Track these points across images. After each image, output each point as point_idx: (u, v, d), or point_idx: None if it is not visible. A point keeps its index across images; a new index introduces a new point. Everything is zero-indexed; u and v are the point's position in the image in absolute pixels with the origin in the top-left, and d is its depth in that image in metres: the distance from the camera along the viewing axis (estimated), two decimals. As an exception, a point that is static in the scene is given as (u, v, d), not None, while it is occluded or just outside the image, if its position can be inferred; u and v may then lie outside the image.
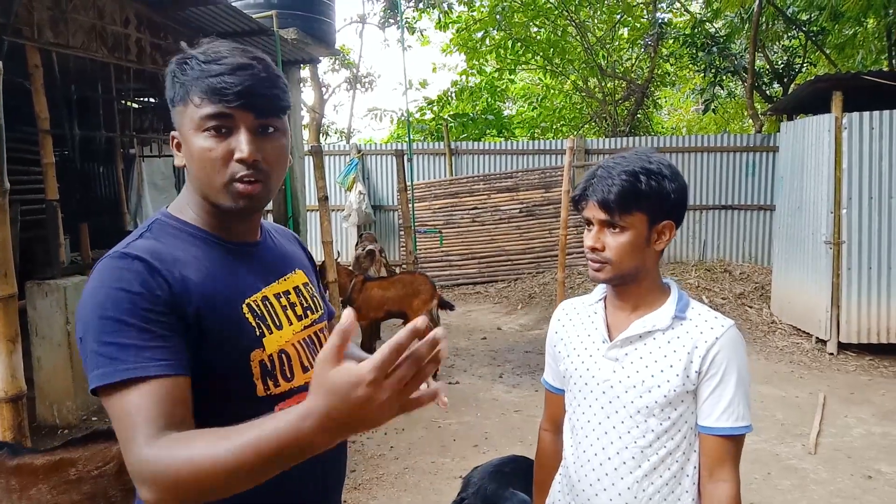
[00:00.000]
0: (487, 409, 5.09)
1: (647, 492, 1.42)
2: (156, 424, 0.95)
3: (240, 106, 1.08)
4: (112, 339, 0.99)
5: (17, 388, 2.12)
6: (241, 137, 1.09)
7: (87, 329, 1.02)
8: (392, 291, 5.82)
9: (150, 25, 5.53)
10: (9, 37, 4.26)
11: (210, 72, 1.08)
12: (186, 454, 0.90)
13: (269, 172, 1.13)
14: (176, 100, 1.13)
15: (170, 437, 0.94)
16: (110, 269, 1.05)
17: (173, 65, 1.14)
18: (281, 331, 1.18)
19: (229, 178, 1.10)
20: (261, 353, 1.13)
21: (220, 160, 1.09)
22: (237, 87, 1.07)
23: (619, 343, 1.46)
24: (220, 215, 1.17)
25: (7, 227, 2.05)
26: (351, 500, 3.64)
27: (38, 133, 4.57)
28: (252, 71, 1.09)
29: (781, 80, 12.01)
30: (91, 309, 1.02)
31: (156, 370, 0.98)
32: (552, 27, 13.38)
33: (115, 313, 1.00)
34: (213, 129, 1.09)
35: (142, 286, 1.02)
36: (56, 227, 4.69)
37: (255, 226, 1.25)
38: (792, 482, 3.90)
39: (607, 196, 1.38)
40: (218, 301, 1.10)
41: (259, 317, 1.15)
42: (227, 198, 1.11)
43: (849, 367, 6.08)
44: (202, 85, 1.08)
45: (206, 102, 1.08)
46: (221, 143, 1.09)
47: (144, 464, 0.92)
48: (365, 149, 11.35)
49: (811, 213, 6.66)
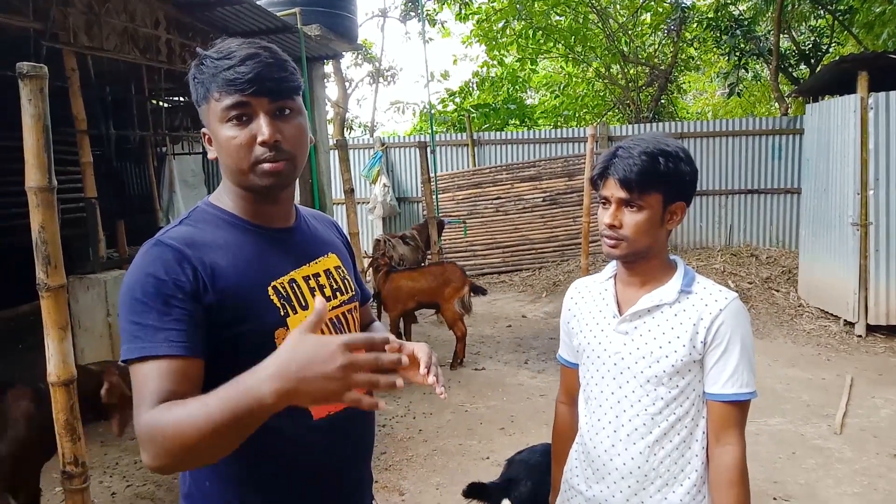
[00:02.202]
0: (513, 393, 5.19)
1: (658, 456, 1.51)
2: (158, 397, 1.06)
3: (254, 92, 1.16)
4: (136, 319, 1.11)
5: (68, 373, 2.26)
6: (261, 122, 1.18)
7: (121, 307, 1.15)
8: (423, 282, 5.89)
9: (179, 26, 5.70)
10: (46, 42, 4.45)
11: (223, 66, 1.17)
12: (169, 416, 1.02)
13: (291, 151, 1.22)
14: (200, 99, 1.23)
15: (164, 405, 1.05)
16: (144, 254, 1.17)
17: (192, 69, 1.23)
18: (307, 311, 1.25)
19: (255, 160, 1.19)
20: (285, 332, 1.20)
21: (245, 145, 1.18)
22: (248, 74, 1.16)
23: (629, 317, 1.54)
24: (253, 200, 1.27)
25: (56, 221, 2.19)
26: (382, 480, 3.77)
27: (76, 133, 4.76)
28: (259, 59, 1.18)
29: (808, 62, 11.81)
30: (125, 290, 1.15)
31: (165, 349, 1.09)
32: (573, 14, 13.31)
33: (141, 296, 1.12)
34: (235, 118, 1.18)
35: (168, 274, 1.13)
36: (95, 223, 4.87)
37: (287, 211, 1.33)
38: (817, 461, 3.93)
39: (629, 175, 1.45)
40: (244, 283, 1.19)
41: (284, 298, 1.23)
42: (255, 179, 1.21)
43: (877, 348, 6.04)
44: (218, 80, 1.17)
45: (224, 95, 1.17)
46: (244, 130, 1.18)
47: (142, 427, 1.04)
48: (388, 142, 11.48)
49: (838, 195, 6.60)
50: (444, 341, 6.54)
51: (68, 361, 2.28)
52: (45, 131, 2.10)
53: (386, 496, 3.63)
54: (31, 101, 2.07)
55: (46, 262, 2.17)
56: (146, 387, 1.08)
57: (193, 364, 1.12)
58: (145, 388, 1.08)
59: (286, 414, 0.99)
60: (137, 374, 1.10)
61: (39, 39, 4.43)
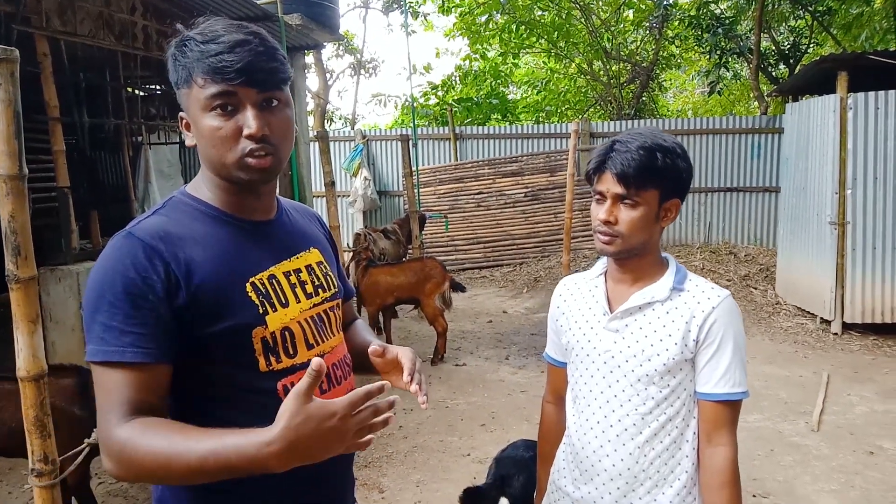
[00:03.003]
0: (494, 389, 5.17)
1: (649, 457, 1.48)
2: (127, 407, 1.04)
3: (242, 83, 1.10)
4: (102, 319, 1.06)
5: (38, 368, 2.18)
6: (248, 114, 1.11)
7: (86, 302, 1.09)
8: (402, 278, 5.83)
9: (156, 13, 5.56)
10: (18, 25, 4.31)
11: (209, 52, 1.10)
12: (149, 444, 1.00)
13: (277, 144, 1.15)
14: (180, 82, 1.15)
15: (141, 422, 1.03)
16: (114, 248, 1.11)
17: (173, 48, 1.15)
18: (287, 308, 1.19)
19: (241, 153, 1.12)
20: (263, 331, 1.15)
21: (230, 138, 1.12)
22: (237, 63, 1.08)
23: (620, 315, 1.51)
24: (234, 192, 1.20)
25: (27, 211, 2.11)
26: (362, 477, 3.73)
27: (48, 121, 4.62)
28: (250, 46, 1.10)
29: (787, 61, 11.93)
30: (92, 285, 1.09)
31: (132, 356, 1.05)
32: (556, 10, 13.30)
33: (108, 294, 1.07)
34: (220, 107, 1.11)
35: (137, 271, 1.07)
36: (68, 213, 4.75)
37: (268, 203, 1.27)
38: (794, 458, 3.97)
39: (626, 170, 1.41)
40: (221, 279, 1.13)
41: (263, 295, 1.17)
42: (240, 173, 1.14)
43: (853, 346, 6.12)
44: (203, 66, 1.10)
45: (210, 82, 1.10)
46: (229, 122, 1.11)
47: (114, 442, 1.03)
48: (370, 134, 11.37)
49: (816, 194, 6.67)
50: (424, 337, 6.50)
51: (38, 356, 2.20)
52: (16, 117, 2.02)
53: (365, 493, 3.58)
54: (2, 86, 1.99)
55: (16, 252, 2.08)
56: (112, 394, 1.05)
57: (160, 370, 1.09)
58: (111, 395, 1.05)
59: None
60: (102, 377, 1.07)
61: (10, 23, 4.29)
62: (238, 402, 1.15)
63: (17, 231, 2.08)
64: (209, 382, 1.15)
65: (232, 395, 1.15)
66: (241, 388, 1.15)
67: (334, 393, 1.23)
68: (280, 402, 0.96)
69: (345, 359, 1.33)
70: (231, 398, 1.15)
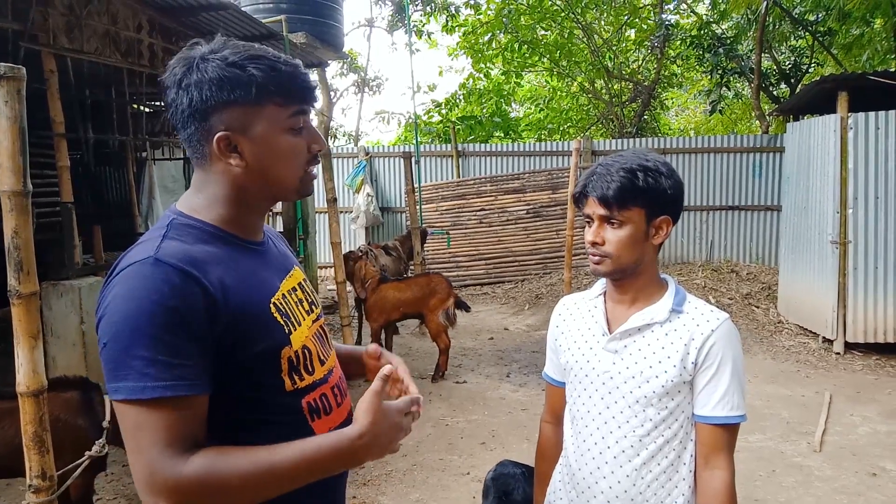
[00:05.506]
0: (494, 407, 5.15)
1: (646, 479, 1.48)
2: (186, 443, 1.00)
3: (313, 102, 1.19)
4: (142, 353, 0.99)
5: (38, 383, 2.18)
6: (312, 130, 1.19)
7: (116, 337, 1.01)
8: (408, 293, 5.85)
9: (163, 30, 5.63)
10: (25, 43, 4.36)
11: (286, 72, 1.13)
12: (236, 467, 1.01)
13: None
14: (240, 99, 1.10)
15: (208, 452, 1.02)
16: (143, 277, 1.03)
17: (226, 65, 1.10)
18: (300, 327, 1.20)
19: (304, 170, 1.19)
20: (289, 350, 1.15)
21: (304, 155, 1.18)
22: (313, 85, 1.17)
23: (619, 336, 1.51)
24: (251, 212, 1.20)
25: (30, 227, 2.12)
26: (360, 495, 3.70)
27: (53, 137, 4.66)
28: (304, 69, 1.17)
29: (788, 81, 12.00)
30: (122, 317, 1.01)
31: (185, 390, 1.00)
32: (559, 29, 13.43)
33: (146, 326, 0.99)
34: (297, 127, 1.16)
35: (177, 300, 1.01)
36: (71, 228, 4.77)
37: (262, 224, 1.28)
38: (796, 479, 3.93)
39: (606, 192, 1.44)
40: (252, 301, 1.12)
41: (284, 314, 1.17)
42: (299, 189, 1.20)
43: (855, 366, 6.09)
44: (284, 86, 1.12)
45: (294, 102, 1.15)
46: (302, 140, 1.17)
47: (184, 479, 0.98)
48: (373, 151, 11.44)
49: (817, 213, 6.68)
50: (426, 353, 6.48)
51: (39, 371, 2.21)
52: (22, 134, 2.04)
53: (364, 512, 3.56)
54: (8, 103, 2.01)
55: (18, 268, 2.10)
56: (163, 432, 0.99)
57: (206, 401, 1.06)
58: (162, 433, 0.99)
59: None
60: (147, 416, 0.99)
61: (18, 40, 4.34)
62: (263, 424, 1.13)
63: (20, 247, 2.09)
64: (236, 406, 1.12)
65: (259, 417, 1.13)
66: (269, 410, 1.14)
67: (345, 405, 1.27)
68: (304, 420, 1.12)
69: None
70: (258, 420, 1.13)
